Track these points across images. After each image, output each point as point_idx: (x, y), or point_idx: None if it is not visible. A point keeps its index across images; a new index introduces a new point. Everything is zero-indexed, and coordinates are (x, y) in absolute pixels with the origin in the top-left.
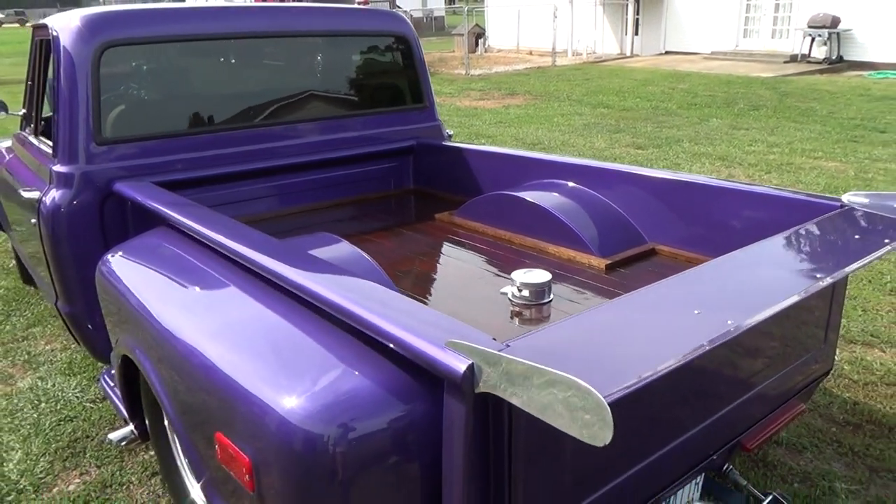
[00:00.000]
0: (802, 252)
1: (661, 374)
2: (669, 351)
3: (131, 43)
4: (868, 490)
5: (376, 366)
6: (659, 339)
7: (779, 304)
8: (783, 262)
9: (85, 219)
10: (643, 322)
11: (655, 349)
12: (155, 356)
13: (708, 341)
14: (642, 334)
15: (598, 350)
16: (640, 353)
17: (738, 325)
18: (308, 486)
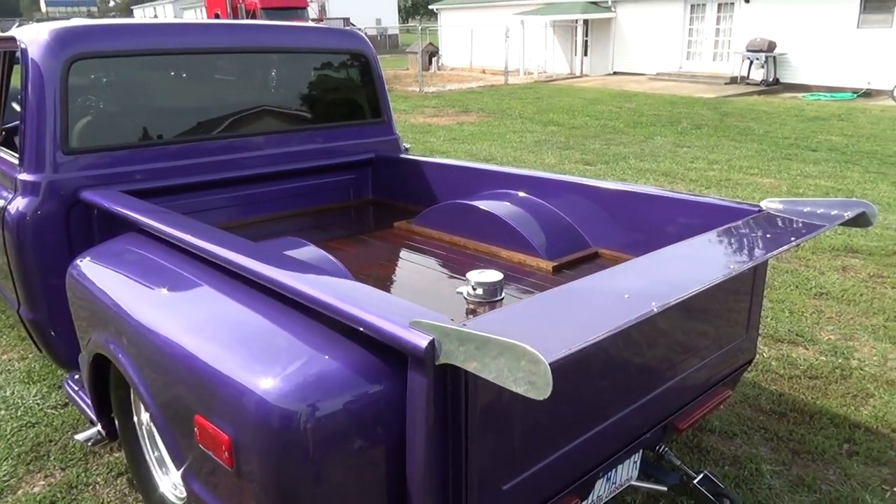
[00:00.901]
0: (721, 248)
1: (594, 342)
2: (602, 325)
3: (99, 56)
4: (790, 470)
5: (345, 349)
6: (593, 316)
7: (696, 288)
8: (703, 256)
9: (51, 227)
10: (579, 305)
11: (589, 324)
12: (132, 350)
13: (635, 317)
14: (578, 314)
15: (540, 325)
16: (576, 327)
17: (661, 304)
18: (284, 460)
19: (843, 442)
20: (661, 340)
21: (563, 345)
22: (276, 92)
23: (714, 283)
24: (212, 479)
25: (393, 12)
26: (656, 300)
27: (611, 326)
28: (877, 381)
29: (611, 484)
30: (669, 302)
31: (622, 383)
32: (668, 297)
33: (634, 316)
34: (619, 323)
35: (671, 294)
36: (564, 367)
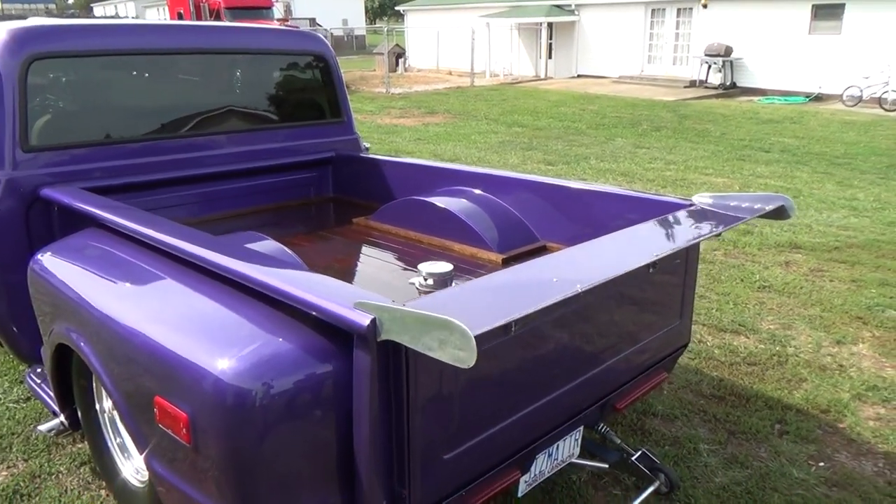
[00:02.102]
0: (649, 237)
1: (517, 318)
2: (527, 304)
3: (58, 56)
4: (726, 449)
5: (296, 332)
6: (520, 297)
7: (619, 272)
8: (631, 245)
9: (10, 223)
10: (510, 288)
11: (516, 303)
12: (94, 338)
13: (559, 297)
14: (508, 295)
15: (472, 305)
16: (503, 306)
17: (585, 286)
18: (238, 434)
19: (776, 423)
20: (597, 323)
21: (488, 320)
22: (237, 92)
23: (635, 267)
24: (172, 457)
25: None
26: (581, 283)
27: (535, 305)
28: (810, 366)
29: (552, 460)
30: (592, 283)
31: (560, 362)
32: (592, 280)
33: (559, 296)
34: (543, 302)
35: (596, 277)
36: (504, 345)
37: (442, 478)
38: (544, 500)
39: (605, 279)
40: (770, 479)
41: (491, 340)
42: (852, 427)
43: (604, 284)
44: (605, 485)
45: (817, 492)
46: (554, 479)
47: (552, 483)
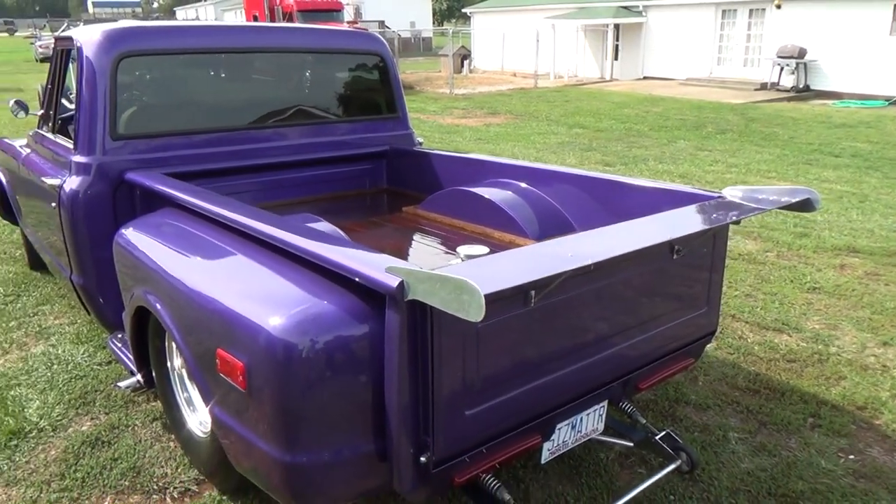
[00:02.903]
0: (671, 222)
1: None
2: (535, 273)
3: (144, 54)
4: (755, 438)
5: (339, 296)
6: (534, 268)
7: (631, 248)
8: (653, 227)
9: (99, 202)
10: (527, 260)
11: (527, 272)
12: (167, 299)
13: (568, 268)
14: (524, 266)
15: (489, 272)
16: (516, 273)
17: (595, 260)
18: (286, 381)
19: (809, 416)
20: (621, 303)
21: (498, 283)
22: (301, 88)
23: (645, 245)
24: (230, 402)
25: (427, 15)
26: (594, 258)
27: (544, 274)
28: (851, 365)
29: (576, 432)
30: (603, 258)
31: (582, 336)
32: (604, 255)
33: (567, 267)
34: (550, 272)
35: (608, 253)
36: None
37: (464, 432)
38: (571, 474)
39: (616, 255)
40: (796, 468)
41: (512, 309)
42: (888, 424)
43: (627, 265)
44: (630, 464)
45: (843, 482)
46: (581, 457)
47: (580, 460)
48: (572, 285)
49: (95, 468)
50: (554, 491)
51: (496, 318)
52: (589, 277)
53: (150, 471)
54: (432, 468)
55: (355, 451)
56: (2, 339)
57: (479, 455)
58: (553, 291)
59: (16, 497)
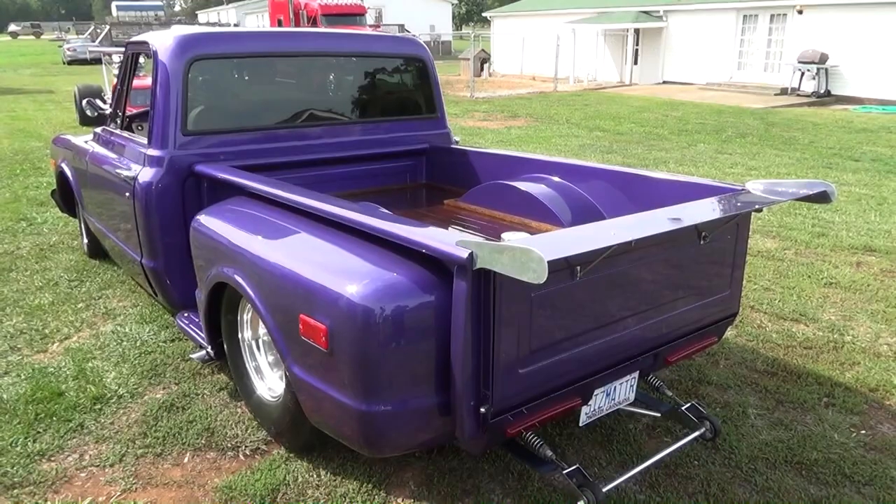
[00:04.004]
0: (699, 210)
1: (580, 253)
2: (588, 245)
3: (213, 57)
4: (773, 414)
5: (409, 268)
6: (584, 242)
7: (665, 229)
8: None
9: (170, 192)
10: (578, 237)
11: (580, 244)
12: (250, 273)
13: (614, 242)
14: (574, 240)
15: (546, 243)
16: (570, 246)
17: (635, 237)
18: (364, 343)
19: (824, 396)
20: (653, 282)
21: (558, 252)
22: (347, 89)
23: (679, 227)
24: (311, 362)
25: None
26: (632, 236)
27: (594, 246)
28: (865, 352)
29: (610, 399)
30: (642, 235)
31: (619, 310)
32: (643, 234)
33: (613, 242)
34: (600, 245)
35: (646, 233)
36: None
37: (517, 388)
38: (604, 442)
39: (653, 234)
40: (811, 441)
41: (561, 282)
42: None
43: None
44: (657, 433)
45: (855, 453)
46: (612, 427)
47: (611, 430)
48: (612, 264)
49: (173, 429)
50: (588, 455)
51: (547, 288)
52: (626, 258)
53: (222, 432)
54: (490, 418)
55: (421, 403)
56: (73, 319)
57: (529, 410)
58: (595, 268)
59: (106, 452)
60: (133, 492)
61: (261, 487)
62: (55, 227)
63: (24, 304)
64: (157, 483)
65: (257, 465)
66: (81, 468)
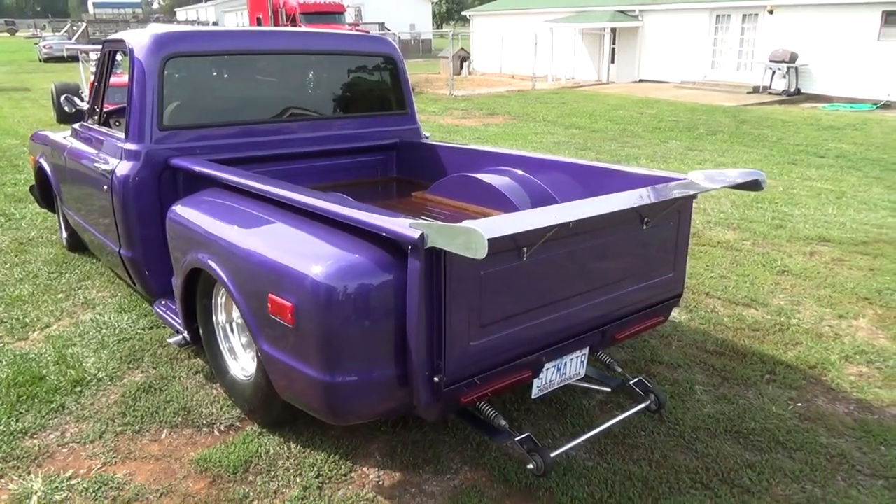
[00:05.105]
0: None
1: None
2: (526, 225)
3: (187, 55)
4: (718, 390)
5: (369, 250)
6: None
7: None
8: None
9: (147, 185)
10: (519, 219)
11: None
12: (222, 258)
13: (550, 223)
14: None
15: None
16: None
17: (573, 218)
18: (327, 318)
19: (766, 373)
20: (600, 263)
21: (497, 231)
22: (320, 86)
23: (615, 210)
24: (279, 337)
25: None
26: (571, 218)
27: (531, 226)
28: (808, 333)
29: (561, 374)
30: (579, 217)
31: (566, 289)
32: (579, 216)
33: (550, 222)
34: (536, 225)
35: (584, 215)
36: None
37: (469, 359)
38: (558, 415)
39: (590, 215)
40: (750, 413)
41: (508, 262)
42: (834, 380)
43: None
44: (609, 408)
45: (790, 423)
46: (567, 402)
47: (565, 405)
48: (557, 246)
49: (151, 408)
50: (542, 428)
51: (495, 268)
52: (571, 241)
53: (198, 410)
54: (444, 387)
55: (381, 374)
56: (53, 309)
57: (481, 380)
58: (541, 250)
59: (87, 429)
60: (113, 465)
61: (234, 459)
62: (34, 221)
63: (4, 296)
64: (135, 457)
65: (231, 440)
66: (63, 444)
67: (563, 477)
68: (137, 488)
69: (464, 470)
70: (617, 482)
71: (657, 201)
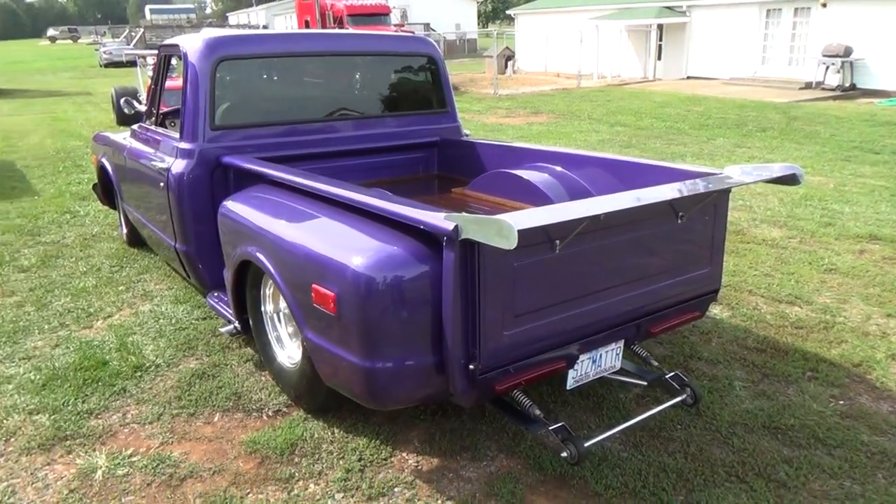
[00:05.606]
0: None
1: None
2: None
3: (238, 58)
4: (757, 386)
5: (407, 242)
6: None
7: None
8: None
9: (200, 182)
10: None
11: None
12: (269, 251)
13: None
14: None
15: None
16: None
17: (603, 211)
18: (367, 307)
19: (808, 371)
20: (634, 257)
21: (527, 223)
22: (363, 86)
23: (647, 203)
24: (322, 326)
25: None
26: (601, 211)
27: (561, 219)
28: (854, 332)
29: (596, 365)
30: (611, 209)
31: (601, 281)
32: (609, 209)
33: (581, 215)
34: (566, 217)
35: (616, 208)
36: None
37: (504, 348)
38: (594, 408)
39: (619, 208)
40: (790, 409)
41: (541, 255)
42: (878, 378)
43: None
44: (646, 402)
45: (831, 421)
46: (603, 395)
47: (602, 398)
48: (590, 239)
49: (205, 393)
50: (578, 419)
51: (528, 259)
52: (604, 234)
53: (248, 396)
54: (479, 375)
55: (418, 361)
56: (115, 300)
57: (516, 369)
58: (574, 242)
59: (146, 412)
60: (169, 444)
61: (281, 442)
62: (96, 218)
63: (70, 287)
64: (190, 438)
65: (278, 424)
66: (124, 424)
67: (598, 466)
68: (192, 466)
69: (500, 457)
70: (651, 473)
71: (690, 195)
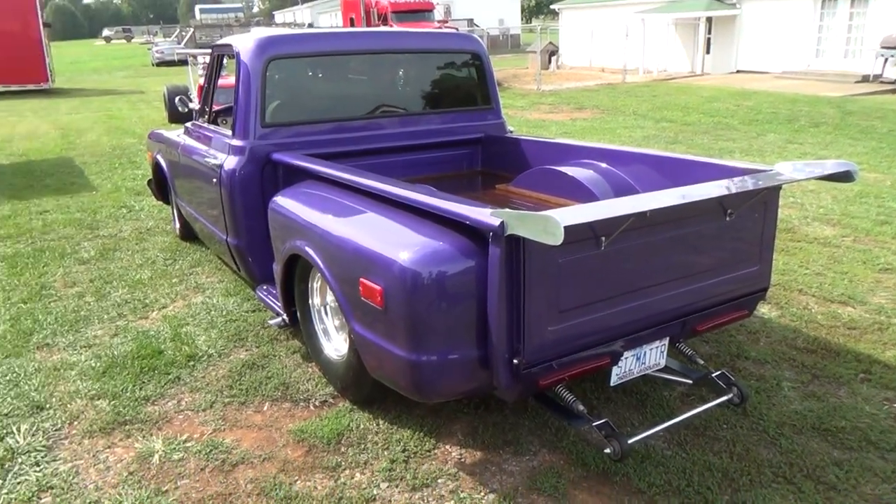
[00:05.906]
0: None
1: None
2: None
3: (288, 57)
4: (807, 387)
5: (453, 237)
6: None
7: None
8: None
9: (251, 177)
10: (597, 208)
11: (594, 213)
12: (318, 245)
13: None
14: (593, 211)
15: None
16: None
17: (649, 208)
18: (413, 301)
19: (860, 372)
20: (681, 253)
21: (574, 219)
22: (409, 83)
23: (694, 200)
24: (369, 319)
25: (516, 12)
26: (647, 208)
27: (607, 215)
28: None
29: (640, 363)
30: (657, 206)
31: (647, 278)
32: (655, 206)
33: (626, 212)
34: (612, 214)
35: (663, 204)
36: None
37: (547, 343)
38: (638, 405)
39: (666, 206)
40: (841, 411)
41: (586, 251)
42: None
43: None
44: (691, 401)
45: (884, 423)
46: (647, 393)
47: (646, 396)
48: (636, 236)
49: (254, 383)
50: (622, 416)
51: (573, 255)
52: (650, 231)
53: (296, 387)
54: (522, 369)
55: (463, 355)
56: (169, 291)
57: (560, 365)
58: (619, 239)
59: (199, 399)
60: (222, 431)
61: (328, 432)
62: (151, 213)
63: (127, 279)
64: (241, 425)
65: (325, 414)
66: (179, 411)
67: (641, 464)
68: (243, 453)
69: (542, 452)
70: (695, 472)
71: (739, 192)
